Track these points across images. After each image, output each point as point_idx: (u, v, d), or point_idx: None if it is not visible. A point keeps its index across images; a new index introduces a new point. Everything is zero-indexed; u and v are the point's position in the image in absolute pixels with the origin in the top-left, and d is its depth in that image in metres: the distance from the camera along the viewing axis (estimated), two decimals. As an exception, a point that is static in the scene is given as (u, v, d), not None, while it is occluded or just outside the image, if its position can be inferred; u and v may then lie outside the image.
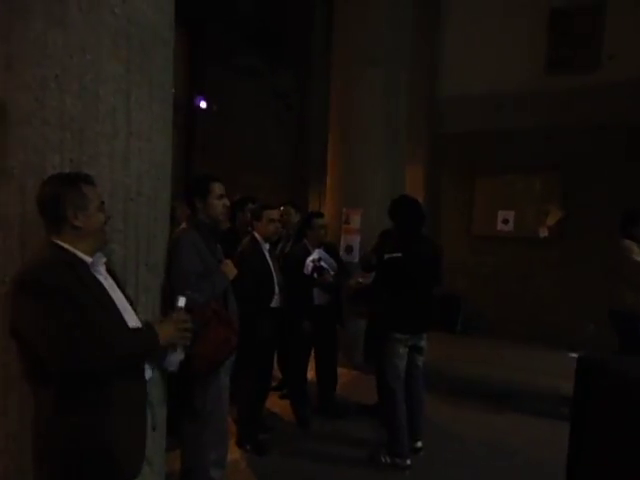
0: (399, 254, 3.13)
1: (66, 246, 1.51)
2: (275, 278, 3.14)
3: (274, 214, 3.18)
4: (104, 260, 1.61)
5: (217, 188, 2.52)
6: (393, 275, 3.17)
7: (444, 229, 7.32)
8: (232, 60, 12.30)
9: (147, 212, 2.02)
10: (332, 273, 3.67)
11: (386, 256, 3.17)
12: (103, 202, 1.62)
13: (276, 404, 4.14)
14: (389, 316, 3.19)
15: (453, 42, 7.19)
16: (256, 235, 3.19)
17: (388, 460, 3.20)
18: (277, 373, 4.12)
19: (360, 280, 3.84)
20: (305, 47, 12.84)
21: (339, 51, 5.31)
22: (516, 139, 6.70)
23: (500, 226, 6.94)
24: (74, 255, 1.51)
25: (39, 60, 1.74)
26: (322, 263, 3.59)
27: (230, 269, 2.43)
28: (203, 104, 10.96)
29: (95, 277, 1.54)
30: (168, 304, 2.16)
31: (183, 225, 2.49)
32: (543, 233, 6.66)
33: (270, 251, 3.24)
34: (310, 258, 3.57)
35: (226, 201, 2.52)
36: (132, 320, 1.59)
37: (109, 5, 1.87)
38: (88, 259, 1.54)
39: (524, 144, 6.66)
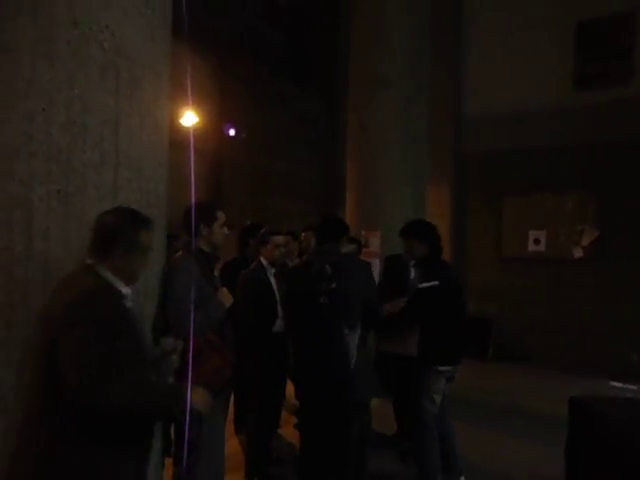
0: (436, 282, 2.98)
1: (105, 274, 1.56)
2: (279, 302, 3.09)
3: (280, 240, 3.17)
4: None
5: (222, 216, 2.53)
6: (431, 305, 2.98)
7: (472, 250, 7.11)
8: (261, 86, 12.61)
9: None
10: None
11: (423, 285, 3.02)
12: (150, 249, 1.69)
13: (292, 434, 4.03)
14: (431, 348, 3.00)
15: (477, 60, 7.10)
16: (262, 260, 3.17)
17: None
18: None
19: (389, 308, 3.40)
20: (332, 71, 13.01)
21: (356, 72, 5.32)
22: (545, 157, 6.48)
23: (531, 246, 6.67)
24: (111, 285, 1.57)
25: (27, 94, 1.78)
26: None
27: (227, 297, 2.40)
28: (232, 132, 11.25)
29: (128, 308, 1.59)
30: (159, 333, 2.14)
31: (179, 252, 2.48)
32: (578, 254, 6.34)
33: (276, 276, 3.21)
34: None
35: (227, 230, 2.53)
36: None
37: (97, 40, 1.91)
38: (127, 290, 1.60)
39: (553, 162, 6.43)
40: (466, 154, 7.10)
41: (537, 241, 6.64)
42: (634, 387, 5.48)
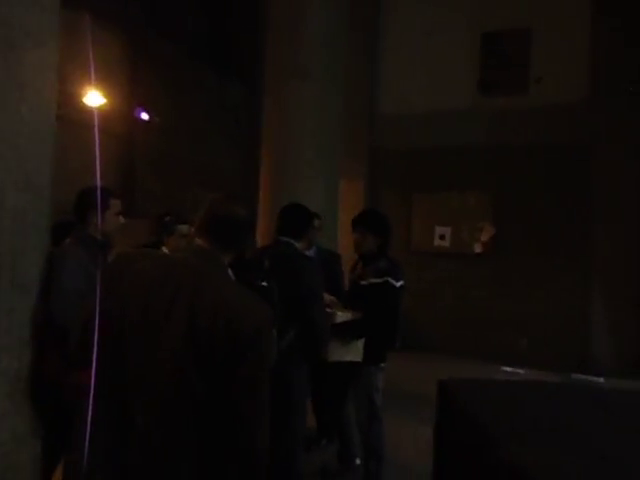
0: (402, 282, 2.85)
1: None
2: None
3: (186, 229, 3.05)
4: None
5: (116, 204, 2.39)
6: (391, 302, 2.82)
7: (384, 244, 7.36)
8: (177, 70, 12.10)
9: (11, 226, 1.84)
10: None
11: (399, 283, 2.83)
12: None
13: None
14: (383, 346, 2.91)
15: (391, 61, 7.33)
16: (164, 250, 3.04)
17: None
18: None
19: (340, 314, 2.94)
20: (253, 58, 12.81)
21: (272, 61, 5.26)
22: (451, 157, 6.86)
23: (437, 242, 7.05)
24: None
25: None
26: None
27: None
28: (144, 115, 10.70)
29: None
30: (41, 327, 1.98)
31: (68, 240, 2.31)
32: (478, 249, 6.80)
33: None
34: None
35: (122, 219, 2.39)
36: None
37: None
38: None
39: (458, 162, 6.82)
40: (380, 150, 7.33)
41: (442, 237, 7.02)
42: (522, 371, 6.00)
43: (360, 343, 2.80)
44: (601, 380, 5.67)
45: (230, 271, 1.30)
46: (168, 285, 1.16)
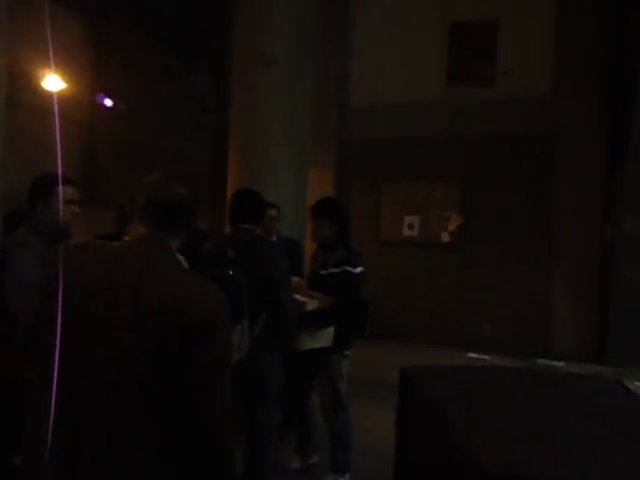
0: (362, 268, 2.84)
1: None
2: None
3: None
4: None
5: (68, 192, 2.27)
6: (352, 289, 2.82)
7: (353, 234, 7.37)
8: (142, 56, 11.76)
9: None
10: None
11: (357, 270, 2.82)
12: None
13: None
14: (350, 334, 2.92)
15: (360, 51, 7.31)
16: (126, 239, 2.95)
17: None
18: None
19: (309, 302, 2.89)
20: (222, 46, 12.57)
21: (239, 49, 5.16)
22: (419, 147, 6.92)
23: (406, 231, 7.12)
24: None
25: None
26: None
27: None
28: (108, 102, 10.37)
29: None
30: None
31: (21, 228, 2.21)
32: (445, 238, 6.91)
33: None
34: None
35: (75, 208, 2.28)
36: None
37: None
38: None
39: (426, 152, 6.88)
40: (349, 140, 7.32)
41: (411, 226, 7.10)
42: (487, 357, 6.16)
43: (331, 329, 2.79)
44: (561, 364, 5.88)
45: (181, 257, 1.24)
46: (113, 276, 1.12)
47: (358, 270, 2.84)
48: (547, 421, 0.96)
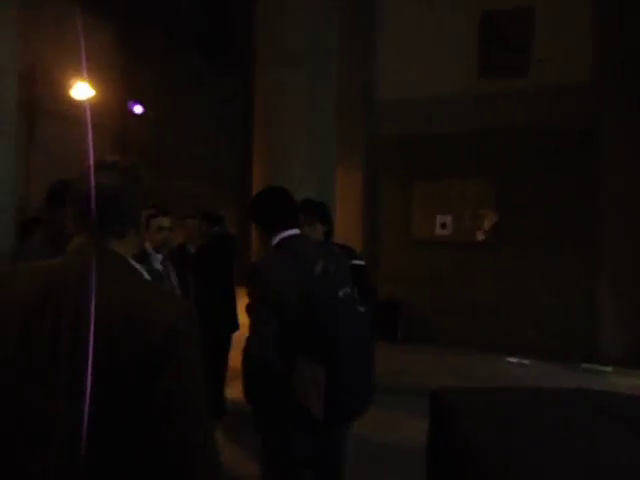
0: (362, 262, 2.90)
1: None
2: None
3: (163, 222, 2.89)
4: None
5: None
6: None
7: (383, 234, 7.20)
8: (172, 63, 11.90)
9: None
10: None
11: (364, 262, 2.93)
12: None
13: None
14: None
15: (388, 45, 7.11)
16: (146, 245, 2.89)
17: None
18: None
19: None
20: (249, 50, 12.61)
21: (262, 51, 5.07)
22: (451, 142, 6.66)
23: (439, 230, 6.87)
24: None
25: None
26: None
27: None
28: (138, 109, 10.51)
29: None
30: None
31: (36, 236, 2.16)
32: (480, 237, 6.63)
33: (163, 261, 2.94)
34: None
35: None
36: None
37: None
38: None
39: (459, 148, 6.62)
40: (378, 137, 7.13)
41: (444, 225, 6.85)
42: (527, 361, 5.85)
43: None
44: (609, 369, 5.51)
45: (136, 264, 1.01)
46: (47, 304, 0.90)
47: (364, 262, 2.94)
48: (578, 446, 0.79)
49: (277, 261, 1.84)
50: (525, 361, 5.87)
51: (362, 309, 1.98)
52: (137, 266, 1.01)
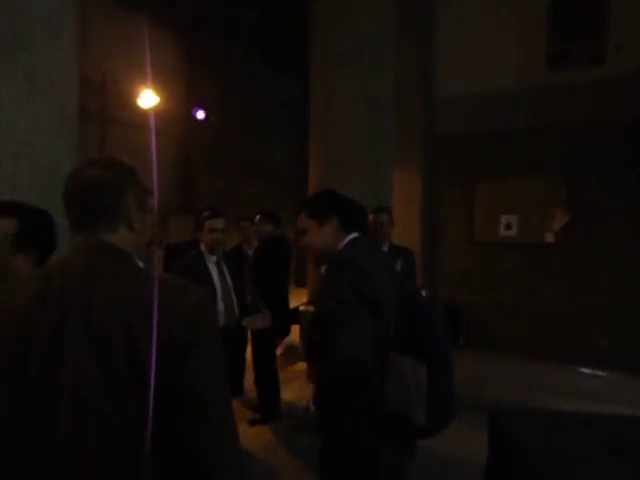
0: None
1: None
2: (220, 293, 2.84)
3: (216, 224, 2.89)
4: None
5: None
6: None
7: (444, 236, 6.94)
8: (231, 68, 12.20)
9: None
10: None
11: None
12: None
13: (245, 430, 3.82)
14: None
15: (447, 40, 6.84)
16: (201, 247, 2.92)
17: None
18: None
19: None
20: (305, 52, 12.68)
21: (317, 51, 5.05)
22: (516, 140, 6.30)
23: (503, 231, 6.52)
24: None
25: None
26: None
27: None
28: (201, 114, 10.86)
29: None
30: None
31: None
32: (549, 238, 6.21)
33: (218, 263, 2.96)
34: None
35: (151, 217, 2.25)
36: None
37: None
38: None
39: (525, 145, 6.25)
40: (436, 137, 6.88)
41: (509, 226, 6.49)
42: (602, 373, 5.41)
43: None
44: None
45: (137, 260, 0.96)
46: (46, 311, 0.84)
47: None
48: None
49: (366, 255, 1.68)
50: (600, 372, 5.43)
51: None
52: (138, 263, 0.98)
